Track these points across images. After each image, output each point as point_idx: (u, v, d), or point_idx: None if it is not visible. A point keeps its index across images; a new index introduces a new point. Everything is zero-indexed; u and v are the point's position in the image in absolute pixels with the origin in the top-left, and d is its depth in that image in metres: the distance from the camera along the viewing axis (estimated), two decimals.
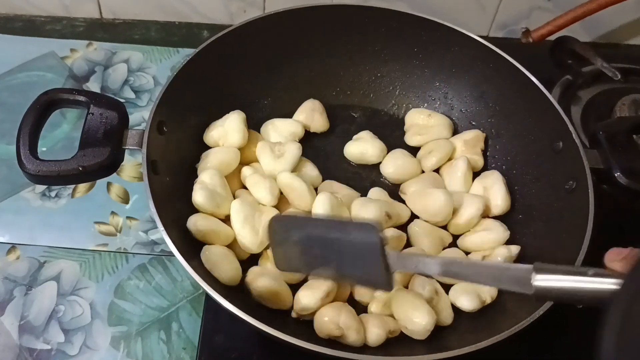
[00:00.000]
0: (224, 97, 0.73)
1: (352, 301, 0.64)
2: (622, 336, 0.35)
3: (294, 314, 0.60)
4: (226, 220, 0.66)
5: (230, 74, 0.74)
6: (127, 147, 0.61)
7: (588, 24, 1.03)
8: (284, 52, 0.77)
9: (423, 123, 0.77)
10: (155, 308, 0.74)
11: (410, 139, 0.76)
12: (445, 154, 0.73)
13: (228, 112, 0.71)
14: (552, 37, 0.97)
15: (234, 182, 0.69)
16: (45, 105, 0.62)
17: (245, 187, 0.70)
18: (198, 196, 0.64)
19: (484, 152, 0.76)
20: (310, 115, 0.76)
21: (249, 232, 0.63)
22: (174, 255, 0.74)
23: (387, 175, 0.74)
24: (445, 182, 0.72)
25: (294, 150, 0.68)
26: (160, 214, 0.58)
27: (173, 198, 0.63)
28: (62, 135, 0.88)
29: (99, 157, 0.59)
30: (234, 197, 0.67)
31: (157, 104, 0.63)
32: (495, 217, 0.70)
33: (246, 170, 0.68)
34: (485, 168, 0.75)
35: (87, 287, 0.75)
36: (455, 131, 0.79)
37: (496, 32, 1.06)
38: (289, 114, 0.78)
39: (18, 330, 0.71)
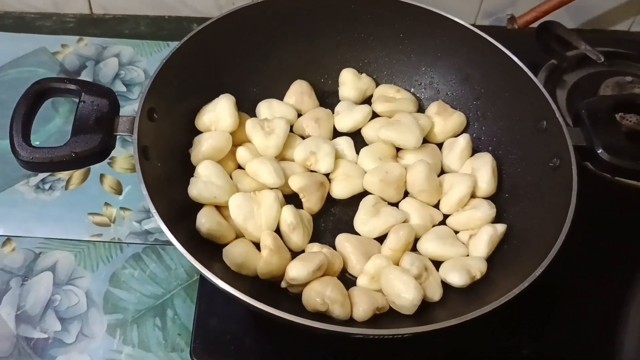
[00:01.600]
0: (213, 83, 0.73)
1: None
2: None
3: (283, 284, 0.61)
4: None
5: (218, 62, 0.75)
6: (118, 134, 0.62)
7: (573, 10, 1.04)
8: (271, 39, 0.78)
9: (391, 95, 0.79)
10: (150, 296, 0.75)
11: (377, 106, 0.77)
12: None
13: (218, 97, 0.72)
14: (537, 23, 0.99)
15: (229, 164, 0.70)
16: (37, 95, 0.63)
17: (240, 167, 0.71)
18: (193, 190, 0.65)
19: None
20: (300, 98, 0.77)
21: (253, 227, 0.64)
22: (167, 244, 0.76)
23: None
24: (444, 155, 0.74)
25: (282, 125, 0.69)
26: (153, 197, 0.58)
27: (165, 182, 0.64)
28: (54, 129, 0.89)
29: (91, 144, 0.60)
30: (231, 178, 0.68)
31: (146, 91, 0.64)
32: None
33: (243, 155, 0.69)
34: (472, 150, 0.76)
35: (83, 277, 0.76)
36: (420, 108, 0.81)
37: (483, 21, 1.08)
38: (278, 99, 0.79)
39: (15, 320, 0.72)
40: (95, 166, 0.86)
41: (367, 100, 0.80)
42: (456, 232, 0.68)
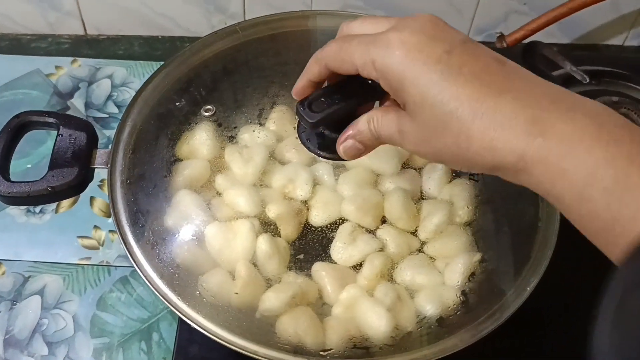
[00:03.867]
0: (194, 111, 0.73)
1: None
2: (615, 332, 0.34)
3: (257, 315, 0.62)
4: None
5: (200, 89, 0.75)
6: (95, 167, 0.63)
7: (565, 25, 1.04)
8: (253, 67, 0.78)
9: None
10: (136, 319, 0.76)
11: None
12: None
13: (198, 125, 0.72)
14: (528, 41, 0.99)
15: (208, 192, 0.70)
16: (17, 129, 0.64)
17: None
18: (169, 220, 0.66)
19: None
20: (281, 124, 0.77)
21: (228, 256, 0.64)
22: None
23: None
24: (423, 180, 0.73)
25: (261, 152, 0.69)
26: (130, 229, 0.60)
27: (141, 213, 0.65)
28: (47, 151, 0.91)
29: (67, 178, 0.61)
30: (209, 208, 0.68)
31: (122, 124, 0.65)
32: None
33: (220, 182, 0.69)
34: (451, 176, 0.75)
35: (71, 301, 0.78)
36: None
37: (475, 37, 1.07)
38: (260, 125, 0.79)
39: (3, 345, 0.74)
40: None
41: None
42: (433, 259, 0.68)
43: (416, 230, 0.70)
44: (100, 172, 0.90)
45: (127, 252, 0.58)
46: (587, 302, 0.70)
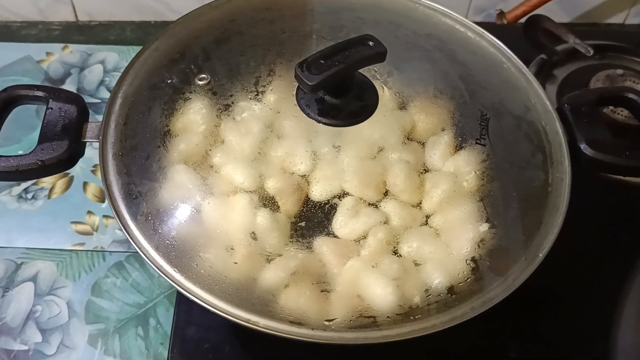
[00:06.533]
0: (188, 80, 0.71)
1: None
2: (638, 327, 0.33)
3: (257, 291, 0.60)
4: None
5: (194, 60, 0.73)
6: (86, 140, 0.61)
7: (565, 4, 1.02)
8: (249, 38, 0.75)
9: None
10: (132, 305, 0.74)
11: None
12: None
13: (193, 94, 0.70)
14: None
15: (205, 166, 0.68)
16: (5, 102, 0.62)
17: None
18: (165, 195, 0.63)
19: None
20: (279, 97, 0.74)
21: (226, 231, 0.62)
22: None
23: None
24: (426, 153, 0.71)
25: (259, 126, 0.67)
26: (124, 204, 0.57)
27: (135, 189, 0.62)
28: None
29: (57, 151, 0.59)
30: (205, 183, 0.66)
31: (113, 96, 0.63)
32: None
33: (218, 157, 0.67)
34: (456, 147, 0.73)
35: (64, 287, 0.76)
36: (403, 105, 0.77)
37: (474, 17, 1.06)
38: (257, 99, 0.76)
39: None
40: (78, 174, 0.86)
41: None
42: (439, 231, 0.66)
43: (420, 204, 0.68)
44: (93, 158, 0.88)
45: (120, 224, 0.56)
46: (596, 270, 0.70)
